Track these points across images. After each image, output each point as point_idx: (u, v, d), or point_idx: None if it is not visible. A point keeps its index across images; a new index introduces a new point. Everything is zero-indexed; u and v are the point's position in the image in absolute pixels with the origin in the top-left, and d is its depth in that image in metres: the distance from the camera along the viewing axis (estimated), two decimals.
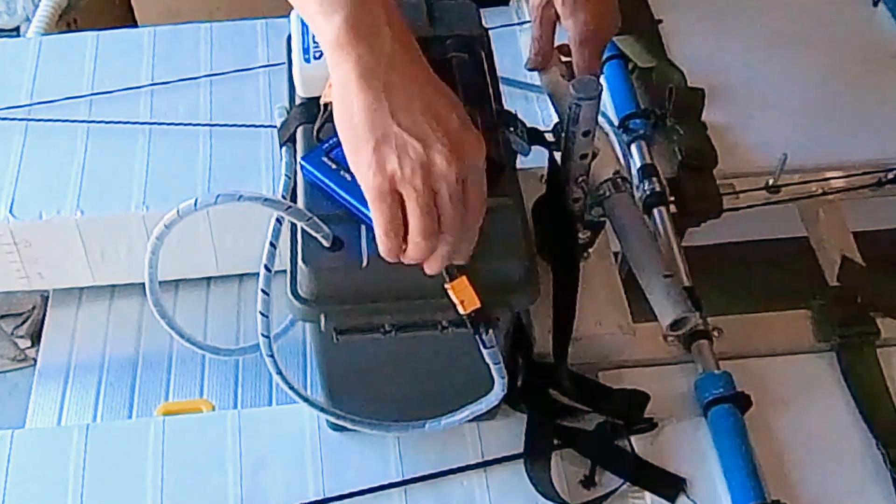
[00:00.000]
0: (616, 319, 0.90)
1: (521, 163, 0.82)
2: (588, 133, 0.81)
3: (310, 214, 0.70)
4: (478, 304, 0.69)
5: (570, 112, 0.79)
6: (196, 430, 0.91)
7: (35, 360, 1.19)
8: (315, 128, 0.77)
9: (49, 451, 0.90)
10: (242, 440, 0.90)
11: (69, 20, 1.57)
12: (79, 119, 1.14)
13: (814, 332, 0.97)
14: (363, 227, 0.71)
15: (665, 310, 0.80)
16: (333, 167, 0.72)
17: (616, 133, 1.10)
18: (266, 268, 0.73)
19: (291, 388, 0.80)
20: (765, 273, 1.59)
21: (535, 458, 0.87)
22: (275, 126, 0.83)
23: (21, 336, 1.64)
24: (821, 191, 1.13)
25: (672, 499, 0.85)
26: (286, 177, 0.80)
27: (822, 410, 0.92)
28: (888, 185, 1.11)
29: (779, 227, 1.24)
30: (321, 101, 0.77)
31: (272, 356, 0.77)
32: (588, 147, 0.82)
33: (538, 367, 0.89)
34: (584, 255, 0.93)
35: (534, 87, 1.16)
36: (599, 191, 0.86)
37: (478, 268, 0.70)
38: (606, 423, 0.89)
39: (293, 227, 0.73)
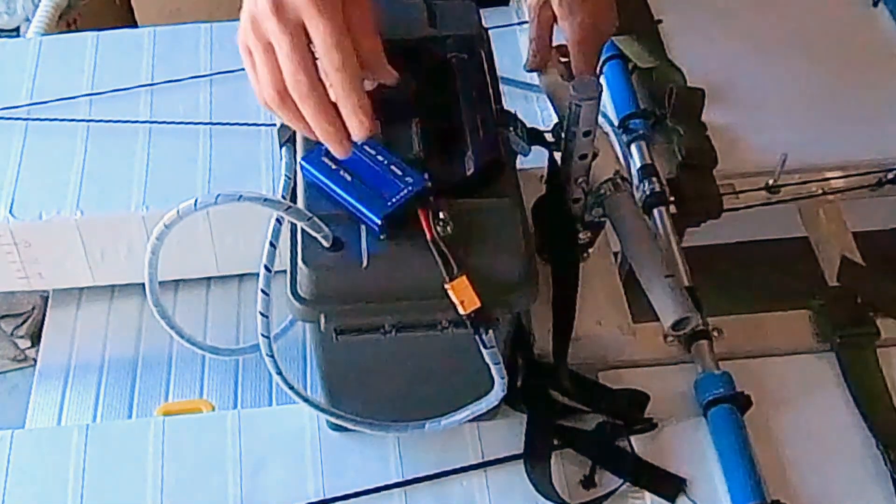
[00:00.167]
0: (616, 319, 0.89)
1: (521, 163, 0.81)
2: (588, 133, 0.81)
3: (310, 214, 0.70)
4: (478, 304, 0.69)
5: (570, 112, 0.79)
6: (196, 431, 0.91)
7: (35, 361, 1.19)
8: None
9: (49, 452, 0.90)
10: (242, 440, 0.90)
11: (69, 20, 1.57)
12: (78, 119, 1.14)
13: (814, 333, 0.97)
14: (363, 227, 0.71)
15: (667, 310, 0.80)
16: (333, 167, 0.72)
17: (616, 133, 1.10)
18: (266, 268, 0.73)
19: (291, 388, 0.80)
20: (765, 273, 1.59)
21: (535, 459, 0.86)
22: (275, 125, 0.83)
23: (21, 336, 1.64)
24: (821, 191, 1.13)
25: (672, 499, 0.85)
26: (286, 177, 0.80)
27: (822, 410, 0.92)
28: (888, 185, 1.11)
29: (779, 228, 1.24)
30: None
31: (272, 356, 0.76)
32: (588, 147, 0.82)
33: (538, 367, 0.89)
34: (584, 255, 0.93)
35: (534, 87, 1.16)
36: (599, 191, 0.86)
37: (478, 268, 0.70)
38: (606, 424, 0.89)
39: (293, 227, 0.73)
